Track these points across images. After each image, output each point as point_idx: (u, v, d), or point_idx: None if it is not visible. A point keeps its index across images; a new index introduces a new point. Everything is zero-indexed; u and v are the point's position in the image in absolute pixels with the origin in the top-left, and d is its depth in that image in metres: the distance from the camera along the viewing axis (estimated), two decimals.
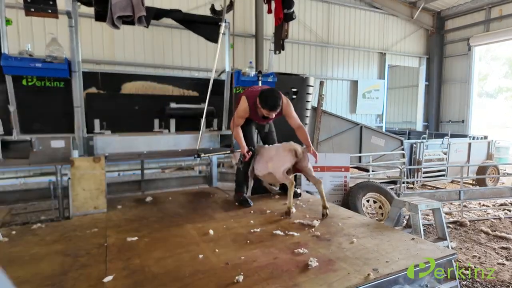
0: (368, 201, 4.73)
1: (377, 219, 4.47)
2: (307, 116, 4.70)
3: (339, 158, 4.89)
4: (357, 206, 4.45)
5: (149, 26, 3.10)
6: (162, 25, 8.95)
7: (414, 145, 8.13)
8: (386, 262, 1.93)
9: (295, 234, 2.38)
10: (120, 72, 4.38)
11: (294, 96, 4.35)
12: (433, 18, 14.16)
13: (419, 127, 14.80)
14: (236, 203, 3.19)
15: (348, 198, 4.54)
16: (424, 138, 9.55)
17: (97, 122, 3.24)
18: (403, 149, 7.84)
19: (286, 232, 2.42)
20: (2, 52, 2.70)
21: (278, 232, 2.41)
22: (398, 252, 2.07)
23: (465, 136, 10.36)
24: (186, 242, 2.28)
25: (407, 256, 2.01)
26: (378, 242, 2.24)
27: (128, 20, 2.82)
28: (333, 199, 4.82)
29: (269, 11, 3.65)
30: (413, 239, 2.29)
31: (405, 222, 3.59)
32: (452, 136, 9.94)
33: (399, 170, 7.52)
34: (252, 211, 2.98)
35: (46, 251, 2.14)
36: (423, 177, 8.15)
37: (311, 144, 3.07)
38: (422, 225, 2.73)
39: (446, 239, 2.77)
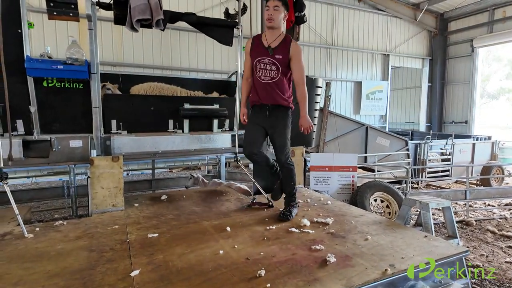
0: (375, 200, 4.80)
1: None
2: (315, 117, 4.77)
3: (346, 158, 4.97)
4: (365, 205, 4.52)
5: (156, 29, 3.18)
6: (170, 27, 9.05)
7: (419, 145, 8.20)
8: (402, 258, 2.00)
9: (310, 231, 2.45)
10: (141, 74, 4.51)
11: None
12: (436, 19, 14.23)
13: (422, 128, 14.85)
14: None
15: (356, 198, 4.61)
16: (428, 138, 9.60)
17: (114, 123, 3.32)
18: (407, 150, 7.91)
19: (301, 229, 2.50)
20: (25, 54, 2.79)
21: (294, 229, 2.49)
22: (412, 249, 2.14)
23: (469, 136, 10.41)
24: (205, 238, 2.36)
25: (421, 252, 2.08)
26: (392, 239, 2.31)
27: (146, 24, 2.90)
28: (341, 198, 4.90)
29: None
30: (425, 236, 2.36)
31: (410, 220, 3.66)
32: (456, 136, 10.00)
33: (404, 170, 7.60)
34: (265, 210, 3.05)
35: (71, 247, 2.21)
36: (428, 177, 8.22)
37: (306, 115, 2.85)
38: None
39: (457, 237, 2.84)
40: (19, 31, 2.82)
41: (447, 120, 14.70)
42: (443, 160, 8.50)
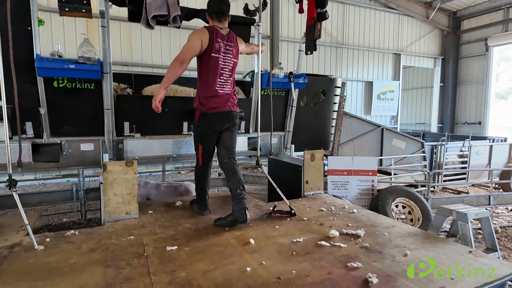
0: (397, 206, 4.58)
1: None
2: (334, 119, 4.57)
3: (366, 161, 4.76)
4: (386, 212, 4.31)
5: (165, 28, 3.01)
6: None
7: (435, 147, 7.94)
8: (451, 279, 1.79)
9: (342, 245, 2.26)
10: (154, 74, 4.34)
11: (323, 97, 4.22)
12: (449, 18, 13.91)
13: (434, 128, 14.55)
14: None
15: (377, 203, 4.40)
16: (443, 140, 9.33)
17: (126, 125, 3.16)
18: (424, 152, 7.66)
19: (331, 242, 2.30)
20: (35, 53, 2.63)
21: (323, 242, 2.29)
22: (460, 267, 1.93)
23: (485, 138, 10.10)
24: (228, 252, 2.17)
25: (472, 272, 1.87)
26: (434, 255, 2.10)
27: (162, 20, 2.72)
28: (360, 203, 4.69)
29: (301, 11, 3.54)
30: (470, 252, 2.15)
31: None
32: (472, 138, 9.71)
33: (421, 173, 7.35)
34: (288, 218, 2.86)
35: (85, 261, 2.04)
36: (444, 180, 7.96)
37: (158, 90, 2.63)
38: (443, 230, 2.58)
39: (497, 250, 2.63)
40: (29, 28, 2.67)
41: (460, 121, 14.38)
42: (460, 163, 8.23)
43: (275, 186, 3.12)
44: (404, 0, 12.56)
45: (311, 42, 3.44)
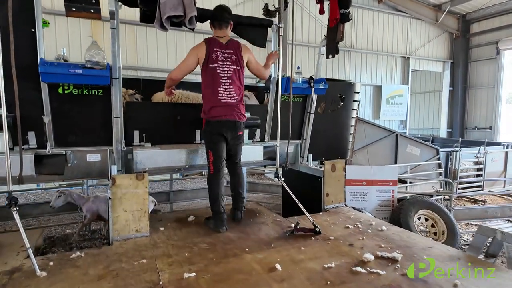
0: (419, 218, 4.32)
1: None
2: (352, 125, 4.33)
3: (386, 171, 4.51)
4: (409, 225, 4.05)
5: (172, 31, 2.84)
6: (186, 30, 8.71)
7: (450, 154, 7.66)
8: None
9: (380, 272, 2.01)
10: (164, 79, 4.10)
11: (342, 103, 3.99)
12: (458, 21, 13.67)
13: (443, 133, 14.26)
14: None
15: (399, 216, 4.14)
16: (457, 146, 9.05)
17: (136, 134, 2.93)
18: (439, 159, 7.40)
19: (368, 268, 2.05)
20: (39, 57, 2.41)
21: (359, 268, 2.04)
22: None
23: (498, 144, 9.81)
24: (253, 281, 1.93)
25: None
26: (488, 285, 1.85)
27: (177, 21, 2.50)
28: (380, 215, 4.43)
29: (322, 12, 3.32)
30: None
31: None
32: (482, 143, 9.44)
33: (436, 181, 7.08)
34: (312, 237, 2.61)
35: None
36: (459, 189, 7.66)
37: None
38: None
39: None
40: (32, 30, 2.46)
41: (470, 126, 14.09)
42: (476, 170, 7.95)
43: (297, 202, 2.88)
44: (413, 3, 12.34)
45: (332, 45, 3.22)
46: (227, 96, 2.77)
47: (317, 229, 2.67)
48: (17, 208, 2.02)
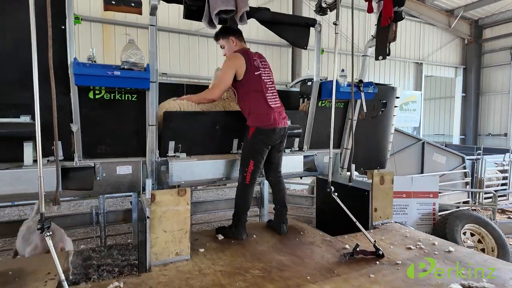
0: (464, 233, 4.00)
1: None
2: (392, 133, 4.03)
3: (426, 181, 4.22)
4: (457, 240, 3.75)
5: (185, 35, 2.58)
6: (198, 34, 8.48)
7: (475, 161, 7.37)
8: None
9: None
10: (198, 83, 3.80)
11: (383, 109, 3.70)
12: (470, 26, 13.51)
13: (456, 140, 13.99)
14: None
15: (445, 230, 3.82)
16: (479, 154, 8.75)
17: (172, 144, 2.63)
18: (465, 167, 7.09)
19: None
20: (72, 57, 2.13)
21: None
22: None
23: None
24: None
25: None
26: None
27: (226, 17, 2.23)
28: (421, 230, 4.10)
29: (370, 10, 3.06)
30: None
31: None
32: (498, 151, 9.15)
33: (461, 191, 6.76)
34: (377, 262, 2.30)
35: None
36: (485, 198, 7.34)
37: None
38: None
39: None
40: (62, 27, 2.17)
41: (483, 132, 13.82)
42: (502, 179, 7.65)
43: (355, 220, 2.57)
44: (426, 8, 12.17)
45: (384, 45, 2.96)
46: (274, 102, 2.74)
47: (380, 252, 2.36)
48: (50, 233, 1.72)
